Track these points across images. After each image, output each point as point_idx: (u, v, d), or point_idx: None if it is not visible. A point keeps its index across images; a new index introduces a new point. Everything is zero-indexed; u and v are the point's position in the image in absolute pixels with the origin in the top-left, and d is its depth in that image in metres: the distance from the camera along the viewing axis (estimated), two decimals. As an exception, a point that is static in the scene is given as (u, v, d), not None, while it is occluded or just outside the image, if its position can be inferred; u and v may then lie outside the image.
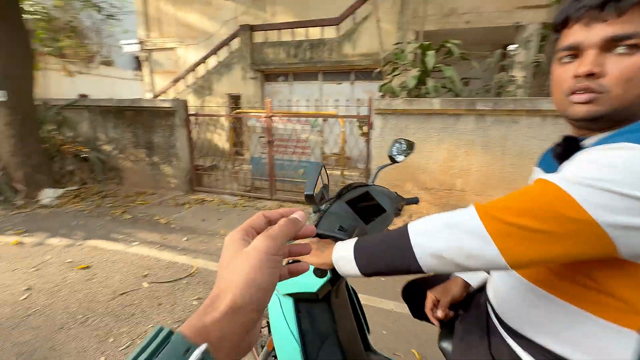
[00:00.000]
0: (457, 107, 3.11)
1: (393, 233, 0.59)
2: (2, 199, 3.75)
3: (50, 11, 5.41)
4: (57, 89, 8.83)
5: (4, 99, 3.72)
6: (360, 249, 0.61)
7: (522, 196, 0.49)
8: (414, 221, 0.58)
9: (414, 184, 3.47)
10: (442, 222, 0.54)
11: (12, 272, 2.38)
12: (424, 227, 0.55)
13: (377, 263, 0.59)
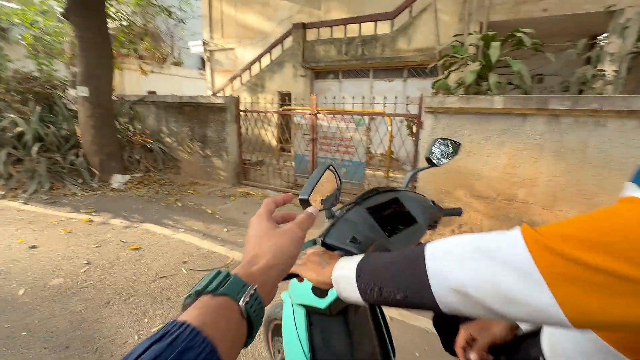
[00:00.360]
0: (525, 105, 2.69)
1: (406, 253, 0.46)
2: (81, 182, 4.31)
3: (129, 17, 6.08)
4: (132, 86, 9.99)
5: (87, 95, 4.27)
6: (365, 269, 0.49)
7: (602, 221, 0.33)
8: (434, 241, 0.44)
9: (465, 192, 3.13)
10: (472, 245, 0.39)
11: (79, 246, 2.69)
12: (446, 249, 0.42)
13: (382, 290, 0.46)
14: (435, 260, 0.41)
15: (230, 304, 0.29)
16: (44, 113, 4.61)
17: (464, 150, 3.03)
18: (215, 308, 0.28)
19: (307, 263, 0.59)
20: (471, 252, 0.39)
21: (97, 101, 4.38)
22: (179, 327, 0.25)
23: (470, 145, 3.00)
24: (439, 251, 0.42)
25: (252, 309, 0.31)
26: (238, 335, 0.29)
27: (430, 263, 0.41)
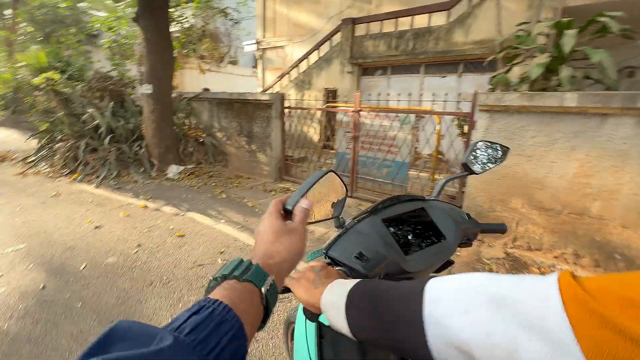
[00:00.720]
0: (606, 104, 2.27)
1: (404, 288, 0.37)
2: (142, 170, 4.78)
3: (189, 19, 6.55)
4: (192, 84, 10.81)
5: (150, 92, 4.69)
6: (356, 299, 0.41)
7: None
8: (440, 277, 0.35)
9: (523, 202, 2.76)
10: (487, 291, 0.30)
11: (133, 229, 2.97)
12: (452, 292, 0.32)
13: (372, 330, 0.38)
14: (436, 304, 0.32)
15: (253, 289, 0.33)
16: (116, 108, 5.20)
17: (525, 155, 2.68)
18: (242, 291, 0.32)
19: (300, 279, 0.52)
20: (484, 301, 0.29)
21: (159, 98, 4.80)
22: (214, 303, 0.29)
23: (533, 149, 2.64)
24: (442, 293, 0.32)
25: (271, 296, 0.35)
26: (257, 319, 0.34)
27: (429, 307, 0.32)
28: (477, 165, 0.81)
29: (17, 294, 1.96)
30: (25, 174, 4.46)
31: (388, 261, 0.60)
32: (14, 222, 2.96)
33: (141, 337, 0.24)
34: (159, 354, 0.22)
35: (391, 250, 0.62)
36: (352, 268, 0.57)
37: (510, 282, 0.29)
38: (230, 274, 0.34)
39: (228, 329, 0.28)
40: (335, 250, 0.61)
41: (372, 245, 0.60)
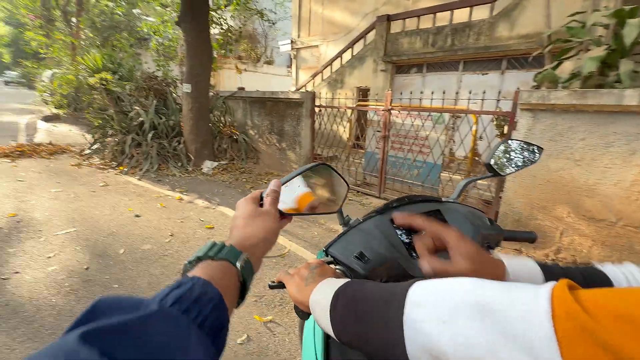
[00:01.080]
0: (675, 102, 1.99)
1: (387, 289, 0.35)
2: (180, 165, 5.06)
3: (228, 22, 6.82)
4: (230, 83, 11.25)
5: (189, 91, 4.96)
6: (341, 300, 0.39)
7: None
8: (425, 280, 0.31)
9: (569, 210, 2.51)
10: (472, 297, 0.27)
11: (168, 219, 3.16)
12: (435, 296, 0.29)
13: (351, 329, 0.36)
14: (417, 307, 0.29)
15: (229, 266, 0.35)
16: (159, 106, 5.56)
17: (572, 158, 2.43)
18: (218, 268, 0.34)
19: (294, 275, 0.51)
20: (468, 309, 0.26)
21: (197, 97, 5.05)
22: (192, 279, 0.30)
23: (582, 152, 2.39)
24: (425, 296, 0.30)
25: (246, 272, 0.36)
26: (235, 294, 0.35)
27: (410, 310, 0.29)
28: (504, 166, 0.73)
29: (65, 273, 2.17)
30: (80, 165, 4.93)
31: (392, 263, 0.56)
32: (68, 207, 3.29)
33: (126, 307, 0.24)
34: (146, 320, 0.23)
35: (397, 252, 0.58)
36: (351, 268, 0.55)
37: (498, 289, 0.26)
38: (205, 254, 0.35)
39: (208, 300, 0.28)
40: (336, 248, 0.59)
41: (376, 246, 0.57)
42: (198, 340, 0.25)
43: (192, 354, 0.23)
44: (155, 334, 0.22)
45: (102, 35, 11.24)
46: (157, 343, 0.22)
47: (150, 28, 7.30)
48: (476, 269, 0.44)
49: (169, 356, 0.22)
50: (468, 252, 0.45)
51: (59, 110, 9.67)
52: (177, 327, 0.24)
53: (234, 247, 0.37)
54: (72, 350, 0.19)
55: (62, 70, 9.87)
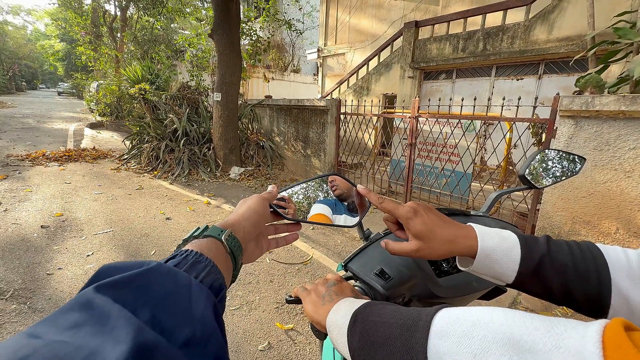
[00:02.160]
0: None
1: (409, 315, 0.33)
2: (209, 170, 5.26)
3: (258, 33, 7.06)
4: (258, 91, 11.60)
5: (219, 99, 5.16)
6: (359, 323, 0.37)
7: None
8: (454, 307, 0.30)
9: (618, 225, 2.29)
10: (505, 332, 0.24)
11: (196, 223, 3.27)
12: (463, 327, 0.27)
13: (370, 355, 0.34)
14: (443, 338, 0.27)
15: (214, 241, 0.37)
16: (191, 114, 5.84)
17: (621, 169, 2.23)
18: (205, 243, 0.35)
19: (311, 292, 0.49)
20: (501, 344, 0.23)
21: (226, 105, 5.25)
22: (185, 251, 0.32)
23: (634, 163, 2.18)
24: (452, 326, 0.27)
25: (233, 244, 0.38)
26: (227, 266, 0.36)
27: (435, 341, 0.27)
28: (540, 178, 0.68)
29: (101, 271, 2.30)
30: (119, 169, 5.27)
31: (415, 282, 0.53)
32: (107, 209, 3.51)
33: (129, 267, 0.26)
34: (149, 272, 0.25)
35: (420, 270, 0.55)
36: (371, 286, 0.52)
37: (538, 325, 0.23)
38: (190, 237, 0.37)
39: (203, 267, 0.30)
40: (355, 264, 0.56)
41: (397, 263, 0.54)
42: (199, 292, 0.26)
43: (193, 301, 0.25)
44: (159, 284, 0.25)
45: (143, 49, 12.07)
46: (162, 291, 0.24)
47: (185, 40, 7.73)
48: (431, 246, 0.43)
49: (173, 301, 0.24)
50: (418, 229, 0.44)
51: (103, 118, 10.46)
52: (176, 278, 0.26)
53: (215, 225, 0.39)
54: (89, 301, 0.21)
55: (106, 82, 10.69)
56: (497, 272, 0.41)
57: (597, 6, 3.14)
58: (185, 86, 6.13)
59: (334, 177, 0.58)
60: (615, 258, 0.39)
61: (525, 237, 0.43)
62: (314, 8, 12.65)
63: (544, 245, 0.42)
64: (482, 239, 0.42)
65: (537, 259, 0.40)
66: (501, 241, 0.42)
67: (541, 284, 0.40)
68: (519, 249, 0.41)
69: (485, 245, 0.41)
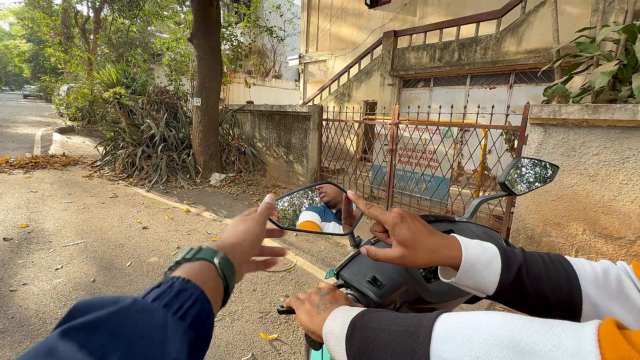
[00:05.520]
0: (693, 117, 1.94)
1: (410, 321, 0.33)
2: (188, 177, 5.12)
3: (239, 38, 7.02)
4: (239, 97, 11.48)
5: (199, 104, 5.06)
6: (357, 330, 0.37)
7: None
8: (454, 313, 0.30)
9: (585, 227, 2.43)
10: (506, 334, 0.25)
11: (175, 232, 3.16)
12: (464, 331, 0.27)
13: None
14: (445, 343, 0.28)
15: (207, 264, 0.35)
16: (169, 119, 5.68)
17: (586, 174, 2.37)
18: (197, 267, 0.34)
19: (305, 302, 0.49)
20: (502, 347, 0.24)
21: (207, 110, 5.15)
22: (172, 278, 0.31)
23: (597, 168, 2.33)
24: (454, 331, 0.28)
25: (226, 268, 0.36)
26: (217, 292, 0.35)
27: (437, 346, 0.28)
28: (518, 185, 0.71)
29: (72, 285, 2.17)
30: (91, 176, 5.02)
31: (406, 288, 0.54)
32: (78, 219, 3.33)
33: (104, 304, 0.24)
34: (121, 312, 0.23)
35: (410, 277, 0.56)
36: (364, 293, 0.52)
37: (537, 327, 0.24)
38: (182, 258, 0.36)
39: (189, 295, 0.29)
40: (347, 272, 0.57)
41: (389, 270, 0.55)
42: (175, 331, 0.25)
43: (168, 344, 0.24)
44: (132, 325, 0.23)
45: (118, 51, 11.67)
46: (134, 333, 0.23)
47: (163, 44, 7.55)
48: (415, 254, 0.44)
49: (146, 344, 0.23)
50: (403, 236, 0.44)
51: (74, 123, 9.96)
52: (152, 318, 0.25)
53: (209, 247, 0.38)
54: (52, 348, 0.20)
55: (78, 85, 10.22)
56: (479, 282, 0.42)
57: (560, 21, 3.36)
58: (163, 91, 5.97)
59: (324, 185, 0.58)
60: (582, 268, 0.42)
61: (504, 249, 0.44)
62: (295, 15, 12.76)
63: (521, 257, 0.43)
64: (465, 249, 0.43)
65: (515, 270, 0.42)
66: (483, 252, 0.43)
67: (519, 294, 0.42)
68: (499, 260, 0.42)
69: (469, 256, 0.42)
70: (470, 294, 0.63)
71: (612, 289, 0.39)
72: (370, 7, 8.22)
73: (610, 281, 0.39)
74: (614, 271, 0.40)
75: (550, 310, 0.41)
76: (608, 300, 0.38)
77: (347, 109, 5.20)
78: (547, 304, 0.41)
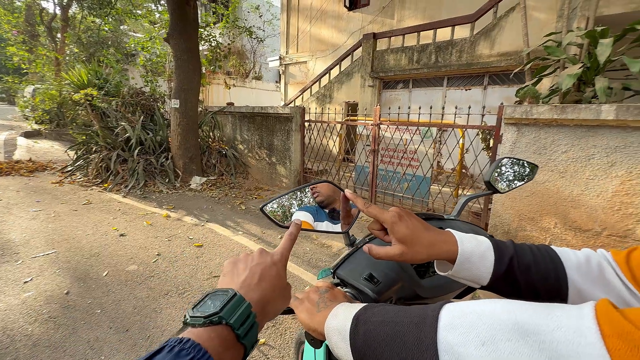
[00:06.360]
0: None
1: (415, 312, 0.34)
2: (167, 181, 4.96)
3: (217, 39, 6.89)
4: (219, 98, 11.27)
5: (178, 106, 4.92)
6: (361, 325, 0.37)
7: None
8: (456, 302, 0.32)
9: (556, 221, 2.57)
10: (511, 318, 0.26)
11: (155, 238, 3.05)
12: (470, 318, 0.28)
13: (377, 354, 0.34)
14: (452, 330, 0.28)
15: (226, 330, 0.31)
16: (146, 121, 5.49)
17: (557, 171, 2.51)
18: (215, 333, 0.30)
19: (304, 301, 0.49)
20: (507, 330, 0.25)
21: (185, 112, 5.02)
22: (179, 341, 0.28)
23: (566, 164, 2.47)
24: (459, 319, 0.29)
25: (250, 337, 0.33)
26: (234, 357, 0.32)
27: (444, 333, 0.29)
28: (502, 184, 0.74)
29: (43, 298, 2.04)
30: (62, 182, 4.76)
31: (401, 285, 0.55)
32: (48, 228, 3.14)
33: None
34: None
35: (405, 273, 0.57)
36: (361, 290, 0.53)
37: (538, 311, 0.25)
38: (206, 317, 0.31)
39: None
40: (344, 270, 0.57)
41: (384, 267, 0.56)
42: None
43: None
44: None
45: (88, 51, 11.15)
46: None
47: (138, 44, 7.28)
48: (414, 250, 0.45)
49: None
50: (402, 233, 0.46)
51: (41, 126, 9.41)
52: None
53: (241, 298, 0.33)
54: None
55: (44, 86, 9.66)
56: (475, 274, 0.44)
57: (530, 26, 3.54)
58: (139, 92, 5.76)
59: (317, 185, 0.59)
60: (567, 257, 0.45)
61: (496, 241, 0.46)
62: (274, 16, 12.70)
63: (512, 248, 0.46)
64: (461, 243, 0.45)
65: (507, 261, 0.44)
66: (477, 245, 0.45)
67: (511, 283, 0.44)
68: (492, 252, 0.44)
69: (464, 249, 0.44)
70: (461, 289, 0.65)
71: (594, 275, 0.42)
72: (350, 10, 8.32)
73: (592, 268, 0.42)
74: (595, 258, 0.43)
75: (539, 297, 0.43)
76: (591, 285, 0.41)
77: (329, 110, 5.24)
78: (536, 291, 0.43)
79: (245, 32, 6.90)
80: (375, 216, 0.49)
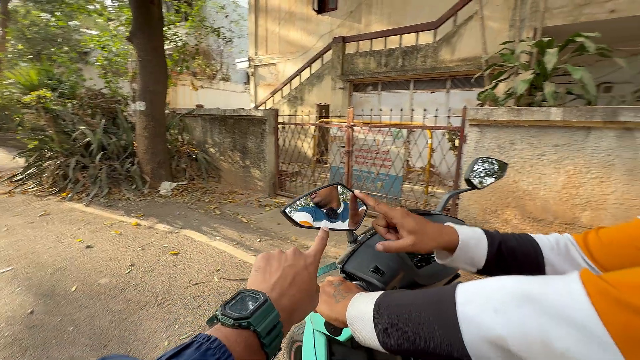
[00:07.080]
0: (589, 118, 2.38)
1: (433, 293, 0.40)
2: (134, 187, 4.70)
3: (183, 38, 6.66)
4: (185, 100, 10.86)
5: (143, 109, 4.69)
6: (383, 309, 0.43)
7: None
8: (467, 282, 0.38)
9: (515, 213, 2.83)
10: (517, 288, 0.33)
11: (126, 248, 2.90)
12: (483, 293, 0.35)
13: (403, 336, 0.39)
14: (468, 304, 0.34)
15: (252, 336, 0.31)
16: (108, 125, 5.16)
17: (514, 167, 2.76)
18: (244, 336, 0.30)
19: (322, 295, 0.54)
20: (515, 298, 0.32)
21: (152, 114, 4.79)
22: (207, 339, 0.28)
23: (522, 161, 2.73)
24: (474, 294, 0.35)
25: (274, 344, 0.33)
26: None
27: (462, 308, 0.35)
28: (478, 181, 0.84)
29: (3, 320, 1.87)
30: (12, 193, 4.34)
31: (403, 274, 0.61)
32: (0, 243, 2.86)
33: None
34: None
35: (404, 264, 0.63)
36: (369, 282, 0.59)
37: (539, 281, 0.32)
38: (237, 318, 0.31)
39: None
40: (351, 265, 0.62)
41: (386, 259, 0.62)
42: None
43: None
44: None
45: (35, 48, 10.20)
46: None
47: (97, 43, 6.81)
48: (423, 240, 0.52)
49: None
50: (412, 226, 0.53)
51: (-21, 131, 8.45)
52: None
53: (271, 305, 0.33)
54: None
55: (-18, 86, 8.69)
56: (472, 258, 0.52)
57: (487, 34, 3.85)
58: (98, 94, 5.39)
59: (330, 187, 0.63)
60: (542, 240, 0.54)
61: (485, 230, 0.55)
62: (241, 17, 12.48)
63: (499, 235, 0.54)
64: (461, 232, 0.52)
65: (497, 246, 0.52)
66: (473, 233, 0.53)
67: (501, 266, 0.52)
68: (485, 239, 0.52)
69: (464, 237, 0.52)
70: (449, 276, 0.73)
71: (562, 253, 0.52)
72: (319, 13, 8.42)
73: (561, 248, 0.52)
74: (562, 240, 0.53)
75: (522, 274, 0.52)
76: (562, 262, 0.51)
77: (302, 112, 5.29)
78: (520, 269, 0.52)
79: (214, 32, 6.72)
80: (386, 212, 0.55)
